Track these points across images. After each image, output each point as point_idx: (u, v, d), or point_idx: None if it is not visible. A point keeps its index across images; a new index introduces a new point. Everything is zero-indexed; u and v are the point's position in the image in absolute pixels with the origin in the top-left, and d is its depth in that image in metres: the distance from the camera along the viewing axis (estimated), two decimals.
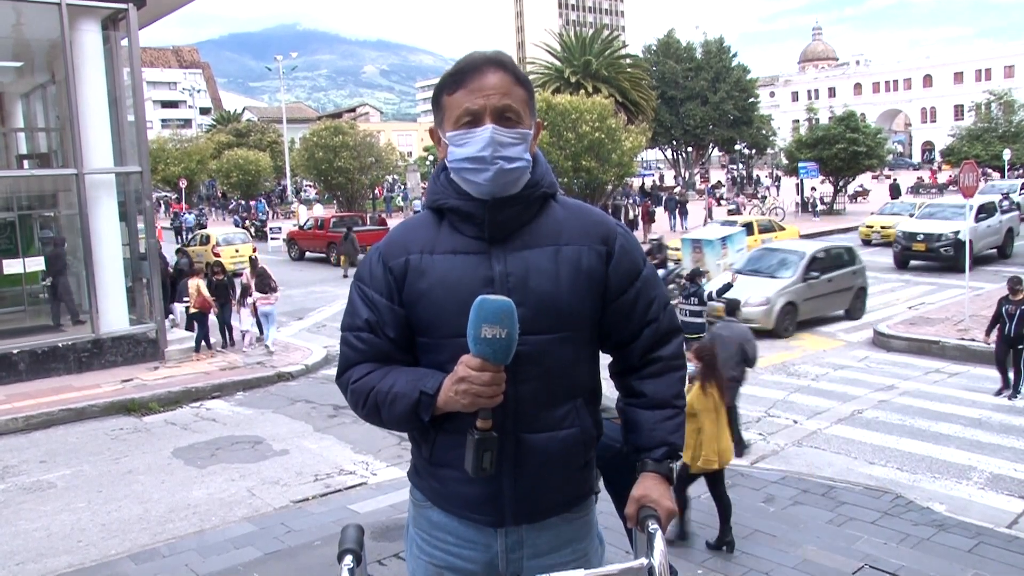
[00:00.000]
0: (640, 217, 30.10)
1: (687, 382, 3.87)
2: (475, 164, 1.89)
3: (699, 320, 10.78)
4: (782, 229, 24.45)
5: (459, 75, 1.92)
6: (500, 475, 1.91)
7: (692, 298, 10.95)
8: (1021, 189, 32.73)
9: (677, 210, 33.88)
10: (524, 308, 1.82)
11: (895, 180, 45.81)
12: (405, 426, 1.99)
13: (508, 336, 1.73)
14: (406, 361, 1.99)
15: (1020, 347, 9.65)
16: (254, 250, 26.66)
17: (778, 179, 51.44)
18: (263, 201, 42.12)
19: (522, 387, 1.89)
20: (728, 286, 11.11)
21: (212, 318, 13.96)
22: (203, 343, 13.60)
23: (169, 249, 19.79)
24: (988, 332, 10.10)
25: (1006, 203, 24.66)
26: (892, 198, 37.30)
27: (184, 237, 34.39)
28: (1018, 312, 9.57)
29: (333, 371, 8.88)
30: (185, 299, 14.01)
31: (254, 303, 13.93)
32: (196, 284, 13.82)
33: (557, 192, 2.06)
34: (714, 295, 10.95)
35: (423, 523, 2.09)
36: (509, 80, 1.91)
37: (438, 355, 1.93)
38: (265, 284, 13.96)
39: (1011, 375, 9.81)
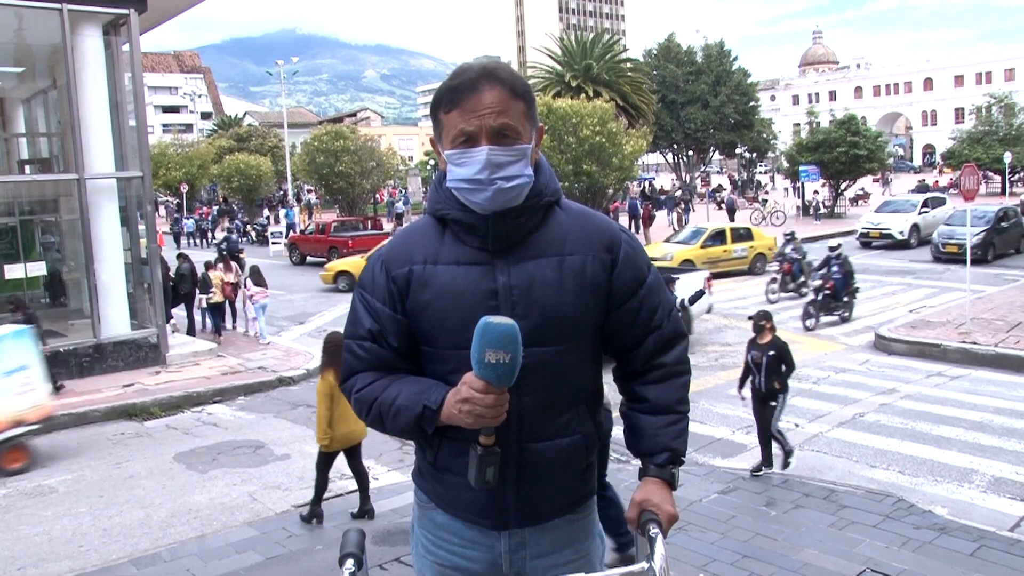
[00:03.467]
0: (641, 219, 30.14)
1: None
2: (473, 185, 1.87)
3: None
4: None
5: (454, 93, 1.88)
6: (503, 482, 1.93)
7: None
8: (923, 207, 27.17)
9: (678, 208, 35.44)
10: (528, 320, 1.82)
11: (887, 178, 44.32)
12: (409, 436, 2.01)
13: (512, 360, 1.71)
14: (409, 369, 2.00)
15: (772, 403, 7.28)
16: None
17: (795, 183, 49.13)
18: (294, 209, 41.61)
19: (525, 399, 1.90)
20: (700, 293, 11.01)
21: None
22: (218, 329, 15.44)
23: (169, 254, 19.82)
24: (740, 386, 7.57)
25: (790, 248, 18.04)
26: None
27: (184, 242, 34.51)
28: (765, 360, 7.20)
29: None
30: (211, 291, 15.33)
31: (250, 296, 15.05)
32: (219, 276, 15.49)
33: (561, 198, 2.04)
34: (686, 302, 10.86)
35: (428, 523, 2.11)
36: (505, 95, 1.86)
37: (442, 365, 1.94)
38: (260, 279, 15.20)
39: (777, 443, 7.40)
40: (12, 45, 14.40)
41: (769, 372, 7.19)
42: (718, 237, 21.76)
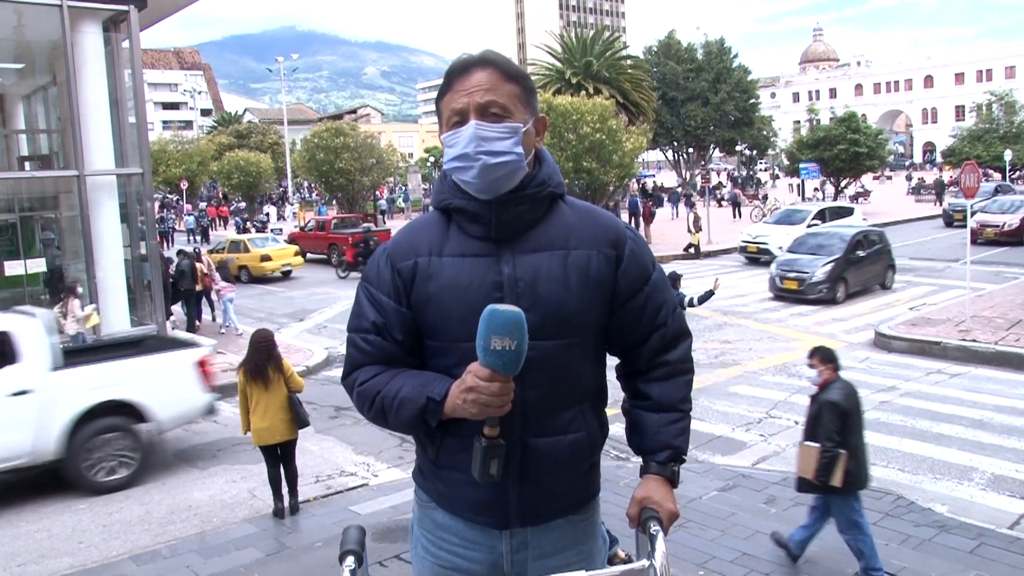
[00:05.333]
0: (642, 217, 30.11)
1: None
2: (462, 162, 1.89)
3: None
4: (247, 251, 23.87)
5: (448, 78, 1.94)
6: (506, 479, 1.91)
7: None
8: (815, 218, 23.28)
9: (681, 202, 36.72)
10: (532, 314, 1.80)
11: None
12: (411, 430, 1.99)
13: (518, 348, 1.70)
14: (413, 364, 1.99)
15: None
16: None
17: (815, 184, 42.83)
18: (323, 206, 40.70)
19: (530, 392, 1.89)
20: (710, 293, 10.94)
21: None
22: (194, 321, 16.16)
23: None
24: None
25: None
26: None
27: (186, 239, 34.09)
28: None
29: (334, 372, 8.89)
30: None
31: (218, 290, 15.89)
32: (200, 267, 16.25)
33: (565, 193, 2.04)
34: (695, 302, 10.81)
35: (428, 523, 2.09)
36: (495, 76, 1.90)
37: (446, 359, 1.93)
38: (227, 274, 16.30)
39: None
40: (12, 41, 14.39)
41: None
42: None
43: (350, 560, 1.84)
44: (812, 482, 5.06)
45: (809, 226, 22.38)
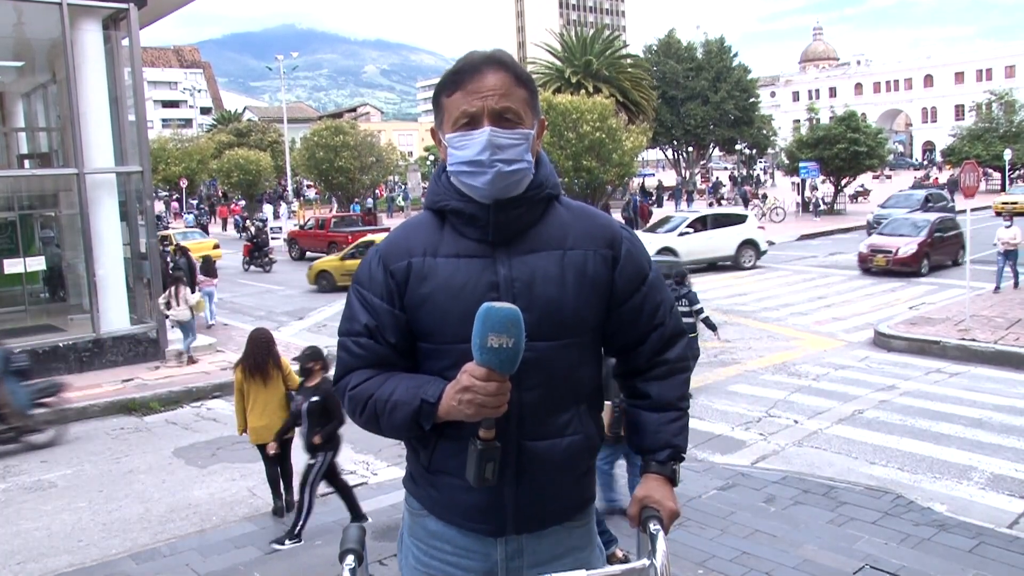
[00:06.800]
0: (640, 215, 30.12)
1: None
2: (473, 167, 1.84)
3: (689, 320, 10.79)
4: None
5: (457, 76, 1.87)
6: (501, 483, 1.86)
7: (682, 300, 11.01)
8: (688, 227, 20.59)
9: (684, 198, 36.59)
10: (529, 314, 1.76)
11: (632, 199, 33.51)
12: (404, 434, 1.94)
13: (515, 345, 1.66)
14: (406, 367, 1.94)
15: (311, 461, 6.16)
16: None
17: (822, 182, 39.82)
18: (358, 205, 40.41)
19: (526, 394, 1.85)
20: (714, 327, 10.85)
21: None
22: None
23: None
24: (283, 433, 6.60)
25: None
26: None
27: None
28: (307, 407, 6.10)
29: (332, 371, 8.77)
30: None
31: (197, 284, 16.13)
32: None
33: (560, 194, 2.02)
34: (704, 317, 10.73)
35: (419, 532, 2.03)
36: (509, 80, 1.86)
37: (440, 361, 1.88)
38: (210, 268, 16.83)
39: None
40: (12, 39, 14.39)
41: (311, 423, 6.08)
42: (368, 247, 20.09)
43: (350, 559, 1.82)
44: (606, 435, 5.50)
45: (681, 235, 20.47)
